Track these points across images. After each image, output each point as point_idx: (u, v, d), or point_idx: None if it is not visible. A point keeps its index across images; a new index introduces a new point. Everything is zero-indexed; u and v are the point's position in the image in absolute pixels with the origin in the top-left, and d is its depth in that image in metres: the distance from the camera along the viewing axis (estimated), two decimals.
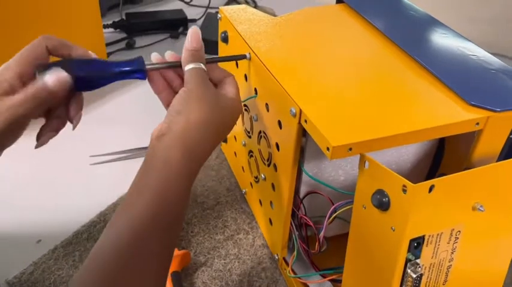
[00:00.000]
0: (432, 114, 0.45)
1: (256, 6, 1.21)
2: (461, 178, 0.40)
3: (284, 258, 0.58)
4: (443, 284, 0.44)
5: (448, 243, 0.42)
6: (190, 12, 1.15)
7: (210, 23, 1.08)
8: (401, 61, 0.53)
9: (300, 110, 0.45)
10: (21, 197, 0.68)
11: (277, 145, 0.52)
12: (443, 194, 0.39)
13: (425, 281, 0.43)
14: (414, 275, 0.40)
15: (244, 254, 0.62)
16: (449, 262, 0.43)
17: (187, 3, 1.23)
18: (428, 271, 0.43)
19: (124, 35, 1.07)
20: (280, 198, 0.54)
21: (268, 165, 0.56)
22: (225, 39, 0.63)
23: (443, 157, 0.55)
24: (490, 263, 0.47)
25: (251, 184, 0.65)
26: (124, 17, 1.10)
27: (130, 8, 1.18)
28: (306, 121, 0.44)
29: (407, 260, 0.40)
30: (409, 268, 0.40)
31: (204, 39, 0.51)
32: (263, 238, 0.64)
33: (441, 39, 0.57)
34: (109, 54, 0.98)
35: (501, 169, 0.42)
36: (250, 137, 0.61)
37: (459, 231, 0.42)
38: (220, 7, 0.64)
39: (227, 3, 1.24)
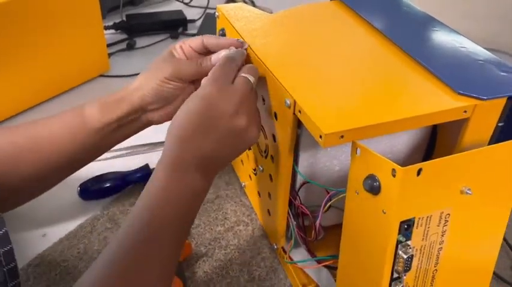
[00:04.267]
0: (421, 102, 0.47)
1: (254, 6, 1.22)
2: (448, 162, 0.41)
3: (282, 247, 0.60)
4: (435, 267, 0.46)
5: (438, 226, 0.44)
6: (190, 13, 1.17)
7: (209, 23, 1.11)
8: (392, 53, 0.55)
9: (294, 101, 0.47)
10: None
11: (273, 137, 0.54)
12: (431, 177, 0.40)
13: (417, 263, 0.44)
14: (405, 256, 0.41)
15: (244, 245, 0.63)
16: (439, 244, 0.45)
17: (186, 4, 1.25)
18: (420, 253, 0.44)
19: (125, 36, 1.09)
20: (278, 188, 0.56)
21: (266, 157, 0.58)
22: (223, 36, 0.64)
23: (435, 146, 0.56)
24: (481, 247, 0.49)
25: (250, 176, 0.66)
26: (124, 19, 1.12)
27: (131, 9, 1.20)
28: (300, 111, 0.46)
29: (398, 242, 0.42)
30: (400, 249, 0.42)
31: None
32: (262, 229, 0.65)
33: (431, 32, 0.59)
34: (110, 55, 1.00)
35: (488, 153, 0.43)
36: None
37: (448, 214, 0.43)
38: (217, 5, 0.66)
39: (225, 3, 1.26)
